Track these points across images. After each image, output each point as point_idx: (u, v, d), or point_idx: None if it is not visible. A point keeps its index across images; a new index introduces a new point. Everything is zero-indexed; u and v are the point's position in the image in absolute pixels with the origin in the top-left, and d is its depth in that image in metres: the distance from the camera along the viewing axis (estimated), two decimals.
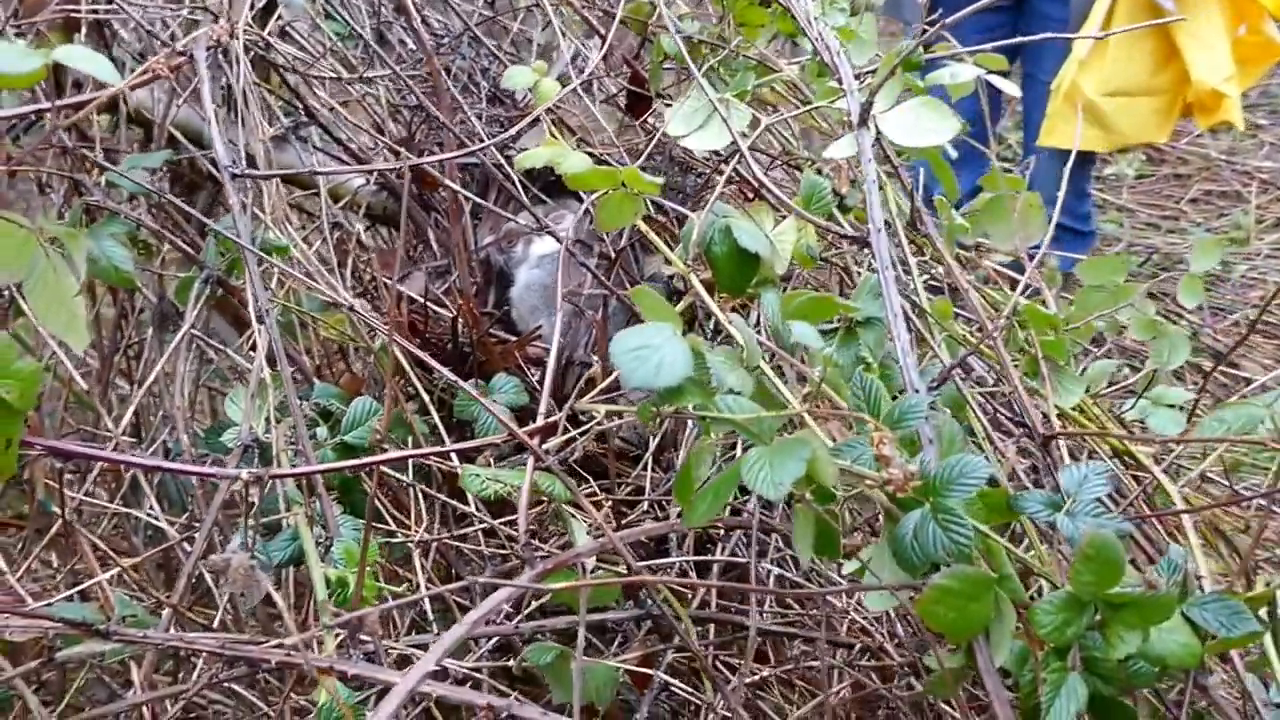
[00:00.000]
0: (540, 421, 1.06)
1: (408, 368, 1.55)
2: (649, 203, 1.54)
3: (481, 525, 1.36)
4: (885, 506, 1.02)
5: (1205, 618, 1.06)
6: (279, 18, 1.83)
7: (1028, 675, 1.02)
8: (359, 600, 1.01)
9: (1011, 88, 1.63)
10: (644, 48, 1.90)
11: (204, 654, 1.10)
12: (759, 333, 1.10)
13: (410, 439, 1.53)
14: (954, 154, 1.54)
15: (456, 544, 1.41)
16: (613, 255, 1.67)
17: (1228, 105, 2.97)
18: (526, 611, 1.32)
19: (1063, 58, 3.10)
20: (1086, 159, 3.31)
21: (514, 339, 1.70)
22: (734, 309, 1.33)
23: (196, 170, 1.77)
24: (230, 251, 1.39)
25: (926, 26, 3.48)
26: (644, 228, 1.23)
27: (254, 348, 1.44)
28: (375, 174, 1.81)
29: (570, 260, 1.69)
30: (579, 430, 1.12)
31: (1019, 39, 1.48)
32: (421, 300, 1.77)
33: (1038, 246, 3.28)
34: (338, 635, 1.03)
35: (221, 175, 1.17)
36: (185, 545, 1.35)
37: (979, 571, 0.97)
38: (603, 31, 1.77)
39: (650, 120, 1.89)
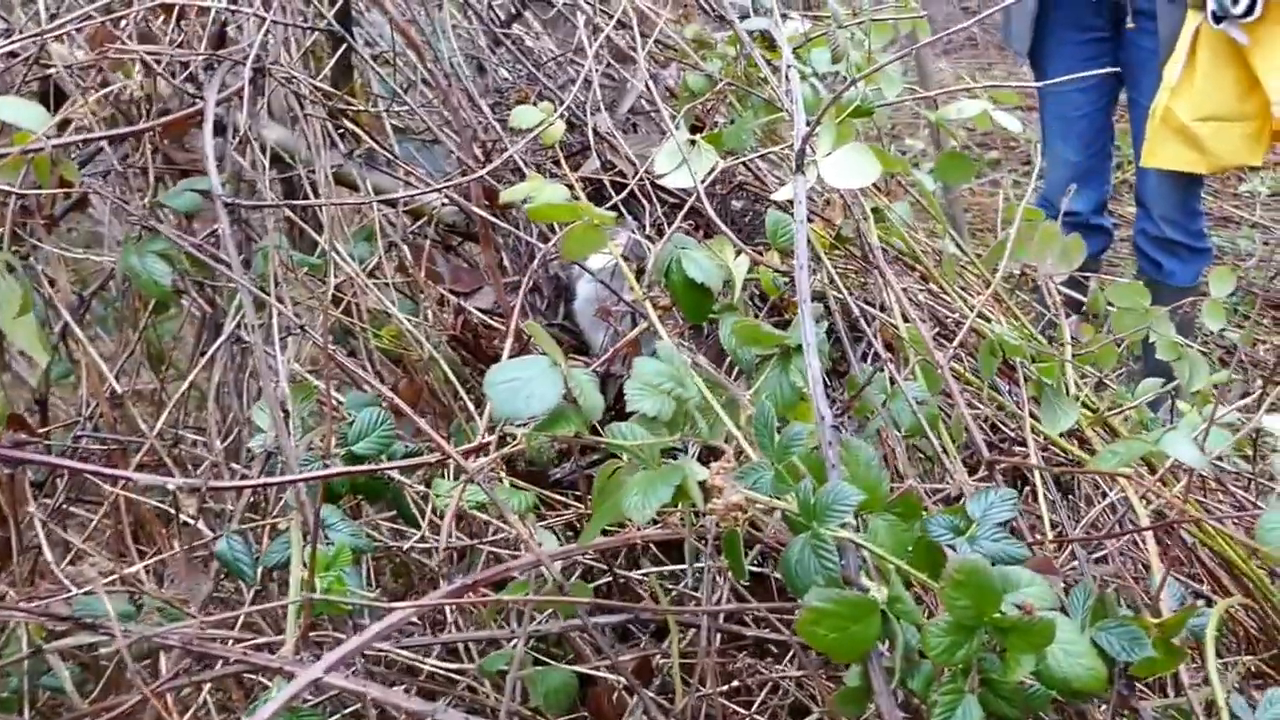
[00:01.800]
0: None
1: (451, 378, 1.66)
2: None
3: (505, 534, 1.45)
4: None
5: (1109, 642, 1.08)
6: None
7: (933, 697, 1.05)
8: (310, 591, 1.13)
9: (1013, 123, 1.71)
10: None
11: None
12: None
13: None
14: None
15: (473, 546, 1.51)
16: None
17: None
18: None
19: (1159, 82, 3.09)
20: (1194, 178, 3.32)
21: None
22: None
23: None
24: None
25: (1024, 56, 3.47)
26: (623, 265, 1.31)
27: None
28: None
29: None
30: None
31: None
32: (481, 314, 1.88)
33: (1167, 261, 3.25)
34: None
35: (216, 203, 1.30)
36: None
37: (858, 594, 1.01)
38: (650, 68, 1.84)
39: None
